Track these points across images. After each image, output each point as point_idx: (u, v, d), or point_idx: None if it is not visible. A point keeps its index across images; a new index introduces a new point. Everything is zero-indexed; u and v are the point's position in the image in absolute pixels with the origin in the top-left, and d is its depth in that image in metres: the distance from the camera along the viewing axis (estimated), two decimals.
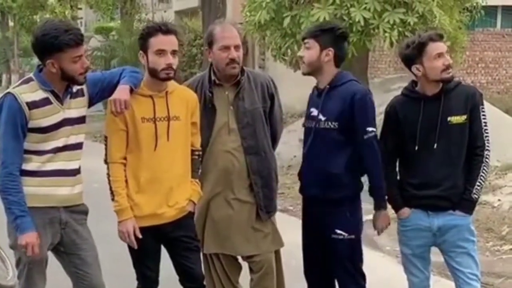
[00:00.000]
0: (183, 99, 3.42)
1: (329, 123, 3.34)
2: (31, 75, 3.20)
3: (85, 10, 34.96)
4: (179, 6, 28.08)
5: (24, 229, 3.05)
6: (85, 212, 3.37)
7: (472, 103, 3.31)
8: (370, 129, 3.30)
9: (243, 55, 3.57)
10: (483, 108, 3.34)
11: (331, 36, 3.37)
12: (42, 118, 3.09)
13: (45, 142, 3.13)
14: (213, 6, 13.08)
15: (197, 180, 3.52)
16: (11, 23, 38.37)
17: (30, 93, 3.09)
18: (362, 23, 8.26)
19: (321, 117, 3.36)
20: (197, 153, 3.51)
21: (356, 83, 3.43)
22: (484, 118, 3.33)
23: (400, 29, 8.34)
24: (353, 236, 3.40)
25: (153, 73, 3.30)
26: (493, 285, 4.97)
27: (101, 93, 3.31)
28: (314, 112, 3.42)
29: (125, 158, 3.33)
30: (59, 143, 3.16)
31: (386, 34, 8.35)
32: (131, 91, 3.23)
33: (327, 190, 3.37)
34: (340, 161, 3.34)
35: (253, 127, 3.58)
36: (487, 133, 3.34)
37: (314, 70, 3.41)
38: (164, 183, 3.34)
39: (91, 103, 3.33)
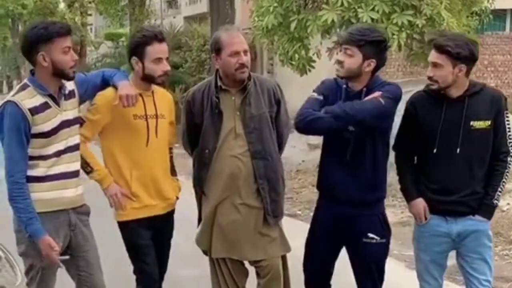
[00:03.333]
0: (165, 98, 3.68)
1: None
2: (25, 81, 3.20)
3: (95, 16, 35.18)
4: (188, 12, 28.23)
5: (36, 237, 3.08)
6: (88, 213, 3.42)
7: (497, 108, 3.26)
8: None
9: (251, 60, 3.59)
10: (507, 113, 3.28)
11: (376, 48, 3.27)
12: (44, 122, 3.11)
13: (48, 146, 3.15)
14: (222, 12, 13.05)
15: (177, 177, 3.80)
16: (21, 30, 38.67)
17: (29, 99, 3.10)
18: None
19: None
20: (172, 151, 3.78)
21: (386, 83, 3.38)
22: (508, 123, 3.28)
23: (408, 31, 8.32)
24: (384, 240, 3.39)
25: (149, 79, 3.48)
26: None
27: (86, 94, 3.39)
28: None
29: (88, 140, 3.47)
30: (61, 146, 3.19)
31: (394, 37, 8.33)
32: None
33: (367, 193, 3.32)
34: (380, 161, 3.32)
35: (259, 132, 3.58)
36: (511, 138, 3.29)
37: (352, 76, 3.32)
38: (154, 177, 3.55)
39: (79, 104, 3.38)
